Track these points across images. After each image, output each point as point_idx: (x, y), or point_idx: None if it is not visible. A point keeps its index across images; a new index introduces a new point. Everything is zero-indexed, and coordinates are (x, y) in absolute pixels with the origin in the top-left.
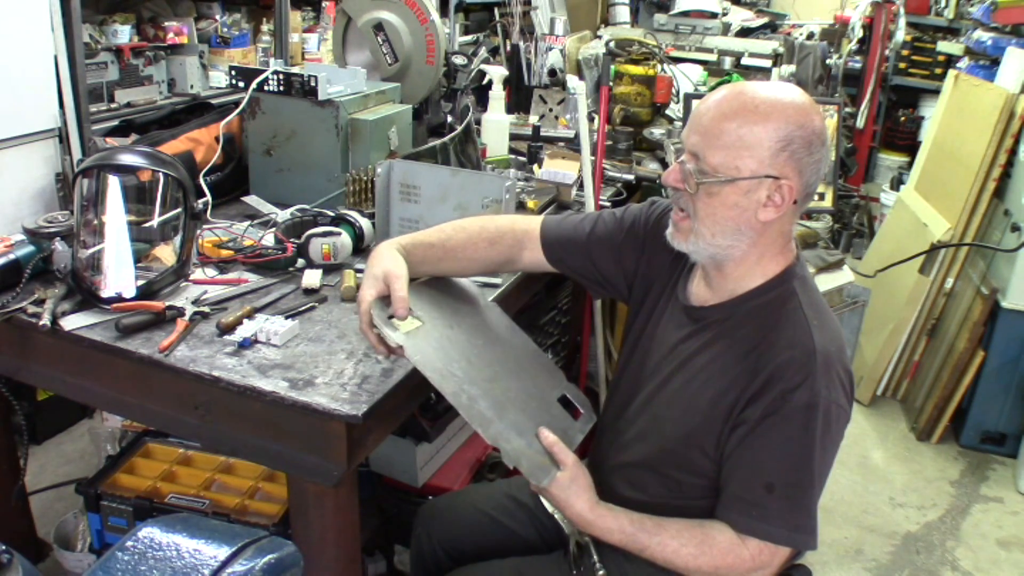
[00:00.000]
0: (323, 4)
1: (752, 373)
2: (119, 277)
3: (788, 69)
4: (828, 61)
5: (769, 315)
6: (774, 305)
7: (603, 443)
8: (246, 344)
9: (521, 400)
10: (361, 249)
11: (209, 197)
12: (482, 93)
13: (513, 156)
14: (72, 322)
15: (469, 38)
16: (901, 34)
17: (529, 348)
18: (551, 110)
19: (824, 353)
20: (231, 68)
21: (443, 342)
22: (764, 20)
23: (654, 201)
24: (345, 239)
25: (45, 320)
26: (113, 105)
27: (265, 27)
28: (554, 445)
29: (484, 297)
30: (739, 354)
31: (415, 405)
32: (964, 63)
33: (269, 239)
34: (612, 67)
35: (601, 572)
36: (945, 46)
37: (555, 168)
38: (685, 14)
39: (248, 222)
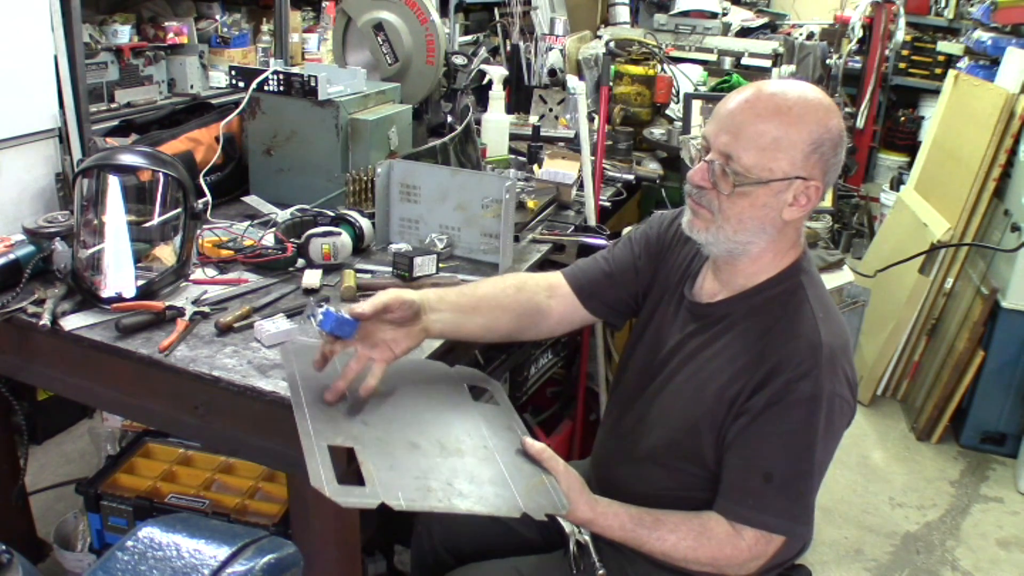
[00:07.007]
0: (323, 4)
1: (757, 363)
2: (119, 277)
3: (788, 69)
4: (828, 61)
5: (776, 308)
6: (781, 298)
7: (607, 441)
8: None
9: (467, 433)
10: (361, 249)
11: (209, 197)
12: (482, 93)
13: (513, 156)
14: (72, 322)
15: (469, 38)
16: (901, 34)
17: (422, 371)
18: (551, 110)
19: (829, 346)
20: (231, 68)
21: (399, 454)
22: (764, 20)
23: (662, 214)
24: (345, 239)
25: (45, 320)
26: (113, 105)
27: (265, 27)
28: (542, 452)
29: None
30: (745, 345)
31: None
32: (964, 63)
33: (269, 239)
34: (612, 67)
35: (601, 572)
36: (945, 46)
37: (555, 168)
38: (685, 14)
39: (248, 222)
